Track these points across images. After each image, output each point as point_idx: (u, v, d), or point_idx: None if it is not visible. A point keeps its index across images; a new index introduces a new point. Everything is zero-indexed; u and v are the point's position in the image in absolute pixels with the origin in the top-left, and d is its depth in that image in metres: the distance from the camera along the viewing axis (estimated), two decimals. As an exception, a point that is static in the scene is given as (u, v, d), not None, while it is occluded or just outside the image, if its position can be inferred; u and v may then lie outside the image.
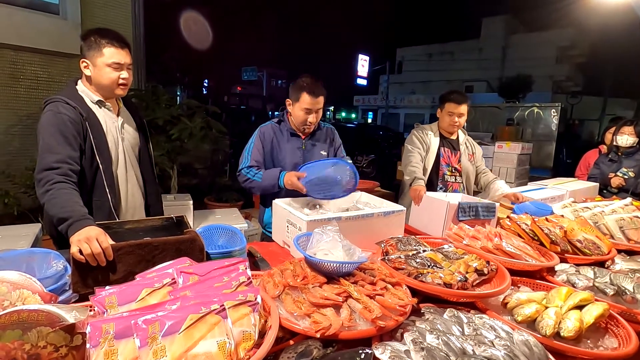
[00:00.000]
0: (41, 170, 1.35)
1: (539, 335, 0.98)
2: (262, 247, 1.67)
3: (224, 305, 0.78)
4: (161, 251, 1.14)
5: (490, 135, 6.24)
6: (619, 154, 3.15)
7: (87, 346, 0.68)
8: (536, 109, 6.27)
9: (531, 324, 1.03)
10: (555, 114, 6.08)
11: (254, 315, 0.81)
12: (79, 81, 1.60)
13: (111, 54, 1.51)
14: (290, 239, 1.60)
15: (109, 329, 0.70)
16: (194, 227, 1.35)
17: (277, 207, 1.75)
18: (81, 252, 1.08)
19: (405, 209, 1.76)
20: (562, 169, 7.20)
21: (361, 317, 0.96)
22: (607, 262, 1.55)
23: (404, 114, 25.36)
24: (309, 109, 1.95)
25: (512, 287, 1.25)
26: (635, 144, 3.07)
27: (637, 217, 1.91)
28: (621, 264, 1.53)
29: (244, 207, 4.83)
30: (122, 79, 1.56)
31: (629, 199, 2.27)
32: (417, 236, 1.63)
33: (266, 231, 2.09)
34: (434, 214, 1.93)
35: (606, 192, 3.14)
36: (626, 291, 1.21)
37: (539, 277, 1.38)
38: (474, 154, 2.64)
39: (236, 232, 1.52)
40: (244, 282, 0.93)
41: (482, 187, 2.63)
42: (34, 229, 2.09)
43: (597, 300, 1.11)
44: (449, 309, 1.06)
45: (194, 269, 0.97)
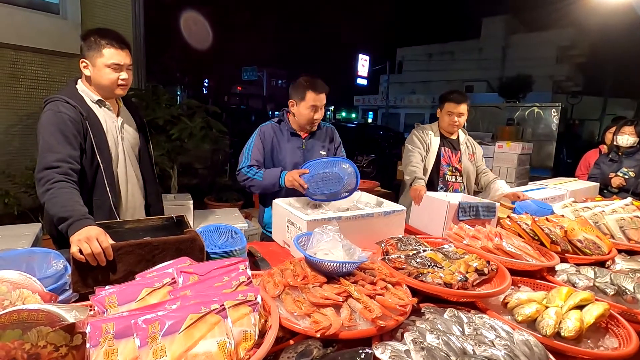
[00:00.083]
0: (41, 169, 1.35)
1: (539, 335, 0.98)
2: (262, 247, 1.67)
3: (224, 305, 0.78)
4: (161, 251, 1.14)
5: (490, 135, 6.23)
6: (620, 154, 3.15)
7: (87, 346, 0.68)
8: (536, 109, 6.26)
9: (531, 323, 1.03)
10: (555, 114, 6.07)
11: (254, 315, 0.81)
12: (79, 81, 1.60)
13: (111, 54, 1.51)
14: (290, 239, 1.60)
15: (109, 328, 0.70)
16: (194, 227, 1.35)
17: (277, 206, 1.75)
18: (81, 251, 1.09)
19: (405, 208, 1.76)
20: (563, 169, 7.21)
21: (361, 316, 0.96)
22: (607, 262, 1.55)
23: (404, 114, 25.36)
24: (315, 105, 1.97)
25: (513, 287, 1.25)
26: (635, 144, 3.07)
27: (638, 217, 1.90)
28: (621, 263, 1.53)
29: (244, 206, 4.83)
30: (122, 79, 1.56)
31: (629, 199, 2.26)
32: (418, 236, 1.63)
33: (266, 231, 2.09)
34: (434, 213, 1.93)
35: (606, 192, 3.14)
36: (626, 291, 1.21)
37: (539, 277, 1.38)
38: (474, 153, 2.64)
39: (236, 231, 1.52)
40: (244, 281, 0.93)
41: (483, 187, 2.63)
42: (34, 228, 2.09)
43: (597, 300, 1.11)
44: (449, 309, 1.06)
45: (194, 268, 0.97)
